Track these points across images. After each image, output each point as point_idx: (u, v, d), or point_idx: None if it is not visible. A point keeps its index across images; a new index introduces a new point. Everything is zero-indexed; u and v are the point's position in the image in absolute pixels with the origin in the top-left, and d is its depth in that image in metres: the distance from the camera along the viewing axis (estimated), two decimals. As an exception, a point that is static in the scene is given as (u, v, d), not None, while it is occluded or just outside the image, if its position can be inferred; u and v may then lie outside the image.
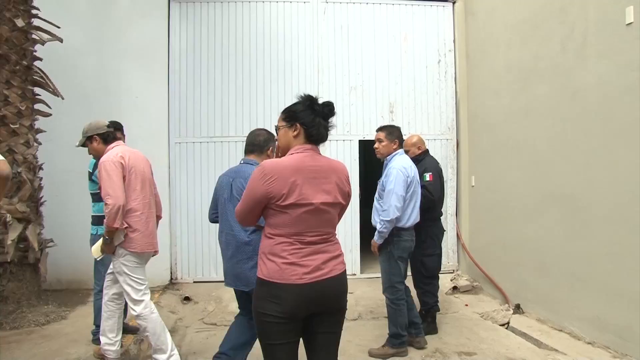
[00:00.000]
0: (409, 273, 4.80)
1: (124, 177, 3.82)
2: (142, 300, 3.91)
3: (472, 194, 7.12)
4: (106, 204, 3.70)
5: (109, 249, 3.87)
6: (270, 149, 3.83)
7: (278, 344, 2.41)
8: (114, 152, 3.91)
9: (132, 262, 3.90)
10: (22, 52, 5.37)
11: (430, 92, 7.44)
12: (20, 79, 5.38)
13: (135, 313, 3.87)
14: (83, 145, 4.16)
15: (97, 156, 4.09)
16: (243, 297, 3.79)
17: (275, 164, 2.41)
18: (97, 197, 4.33)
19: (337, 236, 2.59)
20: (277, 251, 2.39)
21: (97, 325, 4.37)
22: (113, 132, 4.15)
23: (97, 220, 4.36)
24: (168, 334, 3.97)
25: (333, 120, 2.56)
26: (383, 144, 4.53)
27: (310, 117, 2.48)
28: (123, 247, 3.85)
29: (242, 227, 3.53)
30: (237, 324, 3.84)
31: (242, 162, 3.82)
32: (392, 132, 4.53)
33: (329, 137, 2.60)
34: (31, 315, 5.09)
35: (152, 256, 4.17)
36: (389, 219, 4.25)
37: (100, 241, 3.92)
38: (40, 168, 5.68)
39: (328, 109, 2.52)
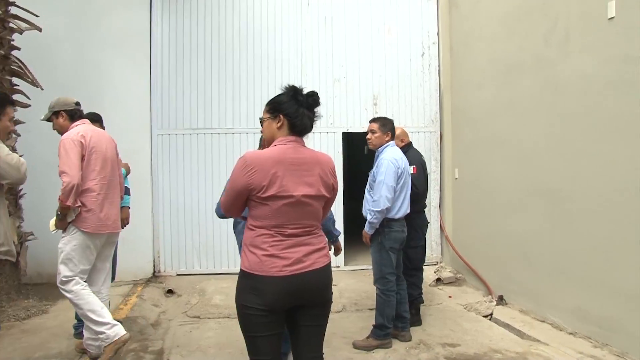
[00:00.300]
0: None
1: (83, 157, 3.78)
2: (69, 281, 3.79)
3: (455, 187, 7.14)
4: (63, 181, 3.66)
5: (61, 225, 3.83)
6: None
7: (260, 336, 2.40)
8: (76, 130, 3.87)
9: (81, 241, 3.83)
10: None
11: (414, 85, 7.45)
12: (-2, 69, 5.25)
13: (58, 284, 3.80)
14: (48, 120, 4.07)
15: (62, 132, 4.01)
16: None
17: (256, 155, 2.40)
18: None
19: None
20: (257, 243, 2.39)
21: (79, 319, 4.32)
22: (80, 111, 4.08)
23: None
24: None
25: (318, 110, 2.53)
26: (376, 135, 4.52)
27: (294, 108, 2.45)
28: (75, 225, 3.81)
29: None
30: None
31: None
32: (386, 124, 4.53)
33: (313, 130, 2.58)
34: (11, 309, 5.01)
35: (113, 237, 4.14)
36: (379, 209, 4.26)
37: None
38: (19, 160, 5.53)
39: (312, 99, 2.49)
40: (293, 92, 2.48)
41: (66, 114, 4.01)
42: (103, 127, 4.64)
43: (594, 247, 4.31)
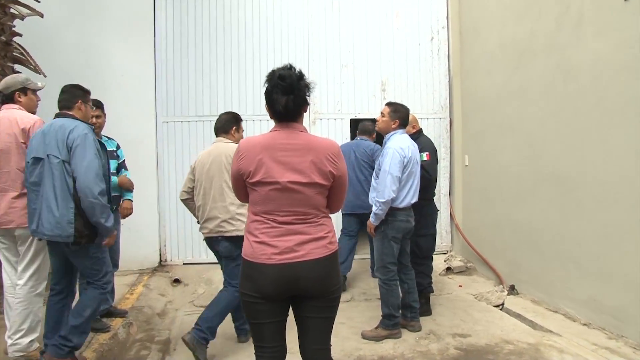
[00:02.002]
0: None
1: None
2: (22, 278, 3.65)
3: (465, 174, 7.09)
4: None
5: None
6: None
7: (260, 322, 2.45)
8: None
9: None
10: (0, 27, 5.16)
11: (423, 70, 7.36)
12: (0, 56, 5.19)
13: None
14: None
15: None
16: None
17: (247, 141, 2.48)
18: None
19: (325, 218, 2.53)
20: (251, 229, 2.44)
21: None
22: (4, 96, 3.83)
23: None
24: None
25: (304, 88, 2.42)
26: (384, 119, 4.48)
27: (268, 95, 2.43)
28: None
29: None
30: None
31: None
32: (397, 111, 4.46)
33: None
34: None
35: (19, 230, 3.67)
36: (383, 200, 4.21)
37: None
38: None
39: (280, 77, 2.38)
40: (267, 78, 2.44)
41: None
42: (104, 114, 4.60)
43: (606, 235, 4.26)
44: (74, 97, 3.66)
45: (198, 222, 4.27)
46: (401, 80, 7.31)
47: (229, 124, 4.31)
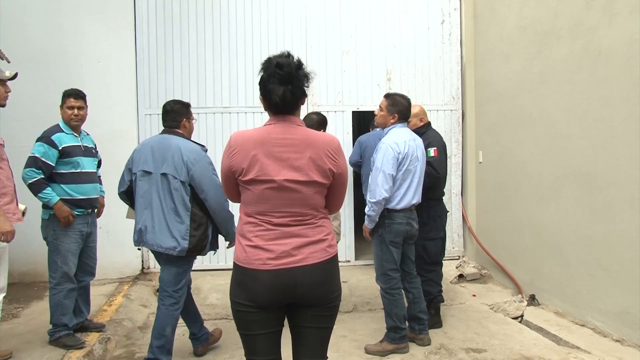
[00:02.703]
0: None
1: None
2: None
3: (479, 171, 7.02)
4: None
5: None
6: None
7: (252, 334, 2.43)
8: None
9: None
10: (-47, 6, 5.05)
11: (432, 57, 7.25)
12: (-44, 39, 5.05)
13: None
14: None
15: None
16: None
17: (239, 134, 2.44)
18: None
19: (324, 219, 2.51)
20: (244, 232, 2.42)
21: (55, 324, 4.25)
22: None
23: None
24: None
25: (300, 76, 2.38)
26: (381, 113, 4.43)
27: (263, 85, 2.40)
28: None
29: None
30: None
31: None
32: (395, 104, 4.36)
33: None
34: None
35: None
36: (375, 200, 4.17)
37: None
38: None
39: (277, 66, 2.34)
40: (262, 66, 2.40)
41: None
42: (86, 105, 4.50)
43: (638, 239, 4.15)
44: (179, 115, 4.08)
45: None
46: (408, 68, 7.22)
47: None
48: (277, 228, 2.36)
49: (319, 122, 5.08)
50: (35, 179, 4.11)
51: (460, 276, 6.55)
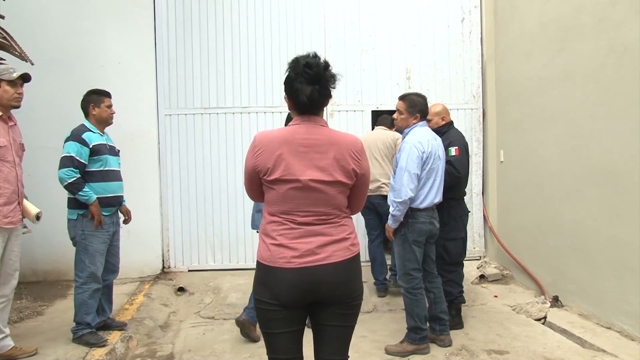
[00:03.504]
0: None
1: None
2: None
3: (500, 171, 6.95)
4: None
5: None
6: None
7: (275, 332, 2.45)
8: None
9: None
10: (-21, 8, 5.09)
11: (452, 56, 7.20)
12: (-21, 41, 5.09)
13: None
14: None
15: None
16: None
17: (264, 135, 2.45)
18: None
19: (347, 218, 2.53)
20: (268, 231, 2.43)
21: (78, 322, 4.29)
22: None
23: (75, 203, 4.26)
24: None
25: (328, 77, 2.40)
26: (402, 116, 4.41)
27: (290, 85, 2.42)
28: None
29: None
30: None
31: None
32: (415, 105, 4.36)
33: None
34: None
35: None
36: (400, 200, 4.15)
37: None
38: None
39: (307, 67, 2.36)
40: (291, 65, 2.42)
41: None
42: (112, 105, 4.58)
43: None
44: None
45: None
46: (428, 66, 7.18)
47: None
48: (301, 227, 2.37)
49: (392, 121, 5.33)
50: (74, 178, 4.17)
51: (482, 277, 6.49)
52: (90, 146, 4.28)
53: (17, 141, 3.96)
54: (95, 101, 4.43)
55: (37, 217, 4.04)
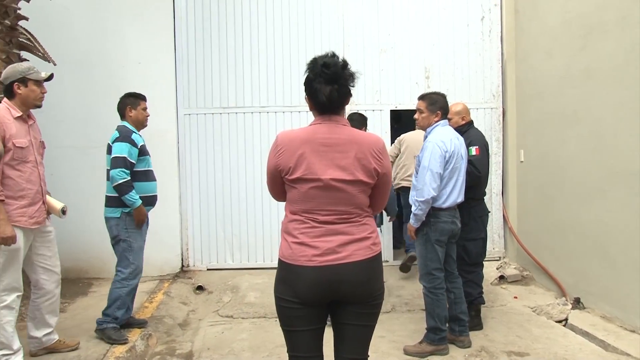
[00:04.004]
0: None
1: None
2: None
3: (520, 171, 6.89)
4: None
5: None
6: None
7: (296, 330, 2.47)
8: None
9: None
10: (4, 9, 5.10)
11: (472, 55, 7.14)
12: (4, 42, 5.14)
13: None
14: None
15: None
16: None
17: (286, 134, 2.48)
18: None
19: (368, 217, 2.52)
20: (289, 229, 2.45)
21: (107, 314, 4.38)
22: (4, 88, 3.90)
23: (119, 202, 4.35)
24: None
25: (348, 76, 2.41)
26: (423, 115, 4.39)
27: (309, 85, 2.44)
28: None
29: None
30: None
31: None
32: (435, 102, 4.36)
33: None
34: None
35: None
36: (423, 199, 4.15)
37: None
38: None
39: (324, 65, 2.37)
40: (309, 65, 2.44)
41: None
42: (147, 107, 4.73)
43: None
44: (359, 123, 5.22)
45: None
46: (447, 66, 7.13)
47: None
48: (323, 225, 2.38)
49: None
50: (126, 179, 4.27)
51: (501, 277, 6.43)
52: (139, 146, 4.42)
53: (38, 139, 4.00)
54: (132, 104, 4.56)
55: (63, 212, 4.10)
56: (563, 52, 5.74)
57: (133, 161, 4.35)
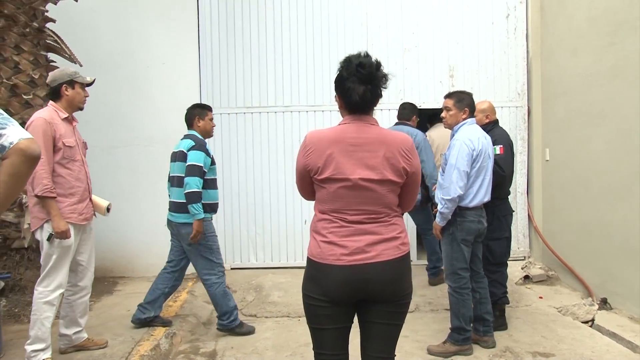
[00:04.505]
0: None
1: None
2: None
3: (545, 170, 6.82)
4: None
5: None
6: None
7: (322, 328, 2.48)
8: None
9: None
10: (32, 12, 5.21)
11: (496, 53, 7.08)
12: (32, 44, 5.25)
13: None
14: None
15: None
16: None
17: (314, 134, 2.48)
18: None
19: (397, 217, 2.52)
20: (318, 228, 2.47)
21: (225, 312, 4.73)
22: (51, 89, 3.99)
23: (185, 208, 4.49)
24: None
25: (381, 76, 2.41)
26: (451, 113, 4.37)
27: (341, 84, 2.43)
28: None
29: None
30: None
31: None
32: (462, 100, 4.34)
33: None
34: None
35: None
36: (449, 197, 4.12)
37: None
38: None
39: (360, 66, 2.36)
40: (343, 64, 2.43)
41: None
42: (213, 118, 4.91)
43: None
44: (411, 112, 5.89)
45: None
46: (471, 64, 7.07)
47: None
48: (352, 225, 2.39)
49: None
50: (199, 189, 4.41)
51: (526, 277, 6.37)
52: (211, 156, 4.59)
53: (81, 140, 4.13)
54: (200, 114, 4.72)
55: (108, 209, 4.21)
56: (589, 50, 5.67)
57: (206, 170, 4.50)
